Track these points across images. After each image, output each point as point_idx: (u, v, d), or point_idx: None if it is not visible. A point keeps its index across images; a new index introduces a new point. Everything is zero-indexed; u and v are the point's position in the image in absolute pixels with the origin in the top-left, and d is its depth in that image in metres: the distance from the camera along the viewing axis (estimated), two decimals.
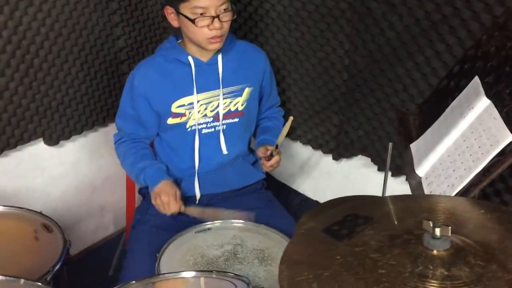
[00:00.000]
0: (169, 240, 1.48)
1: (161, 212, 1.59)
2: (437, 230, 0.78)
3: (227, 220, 1.56)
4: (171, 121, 1.66)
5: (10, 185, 2.01)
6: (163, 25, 2.29)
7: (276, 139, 1.77)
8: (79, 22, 1.96)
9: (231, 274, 1.12)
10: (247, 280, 1.11)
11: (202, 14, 1.49)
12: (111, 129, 2.26)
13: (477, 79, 1.18)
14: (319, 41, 1.80)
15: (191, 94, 1.63)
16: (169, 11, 1.57)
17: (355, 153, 1.94)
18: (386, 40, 1.64)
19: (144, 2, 2.18)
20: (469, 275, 0.74)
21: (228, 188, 1.75)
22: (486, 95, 1.10)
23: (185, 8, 1.50)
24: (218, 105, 1.66)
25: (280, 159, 1.66)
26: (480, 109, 1.09)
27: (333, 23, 1.74)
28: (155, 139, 1.76)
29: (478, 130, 1.07)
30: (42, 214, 1.62)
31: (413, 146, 1.29)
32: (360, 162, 1.97)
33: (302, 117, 2.00)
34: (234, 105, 1.68)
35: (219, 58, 1.64)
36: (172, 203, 1.56)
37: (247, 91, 1.69)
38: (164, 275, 1.14)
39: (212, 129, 1.68)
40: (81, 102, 2.07)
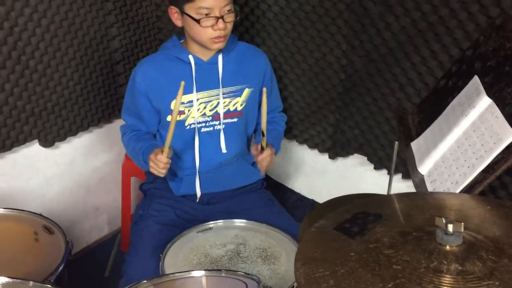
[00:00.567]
0: (172, 241, 1.49)
1: (158, 174, 1.56)
2: (450, 226, 0.80)
3: (229, 220, 1.57)
4: (170, 118, 1.67)
5: (6, 187, 1.99)
6: (158, 26, 2.30)
7: (276, 144, 1.78)
8: (75, 23, 1.95)
9: (241, 273, 1.13)
10: (258, 279, 1.12)
11: (207, 15, 1.52)
12: (106, 130, 2.27)
13: (477, 79, 1.21)
14: (316, 42, 1.82)
15: (191, 93, 1.65)
16: (173, 11, 1.59)
17: (351, 152, 1.96)
18: (383, 41, 1.67)
19: (139, 3, 2.18)
20: (482, 270, 0.76)
21: (228, 187, 1.76)
22: (487, 94, 1.13)
23: (190, 9, 1.52)
24: (218, 105, 1.67)
25: (273, 156, 1.66)
26: (482, 108, 1.12)
27: (331, 24, 1.76)
28: (157, 136, 1.77)
29: (480, 129, 1.10)
30: (42, 216, 1.61)
31: (414, 145, 1.32)
32: (356, 161, 1.99)
33: (299, 117, 2.02)
34: (233, 105, 1.69)
35: (220, 58, 1.66)
36: (158, 154, 1.53)
37: (247, 92, 1.70)
38: (174, 275, 1.15)
39: (211, 128, 1.69)
40: (76, 103, 2.07)
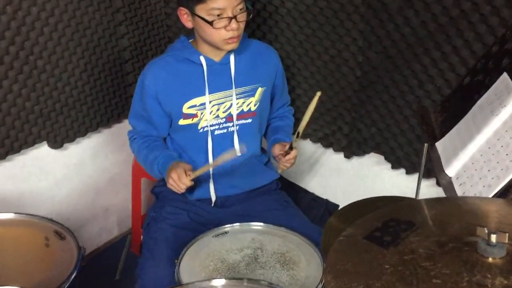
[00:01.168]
0: (187, 246, 1.45)
1: (177, 192, 1.52)
2: (493, 237, 0.75)
3: (245, 223, 1.53)
4: (183, 122, 1.62)
5: (15, 190, 1.96)
6: (167, 23, 2.25)
7: (289, 138, 1.73)
8: (83, 22, 1.91)
9: (265, 283, 1.09)
10: None
11: (219, 16, 1.46)
12: (115, 130, 2.23)
13: (506, 76, 1.16)
14: (331, 38, 1.77)
15: (203, 95, 1.60)
16: (183, 12, 1.53)
17: (367, 151, 1.91)
18: (401, 36, 1.62)
19: (148, 0, 2.13)
20: None
21: (243, 189, 1.71)
22: None
23: (201, 10, 1.47)
24: (231, 106, 1.62)
25: (297, 156, 1.62)
26: None
27: (346, 19, 1.70)
28: (167, 140, 1.72)
29: None
30: (53, 221, 1.57)
31: (440, 145, 1.26)
32: (372, 160, 1.94)
33: (313, 115, 1.96)
34: (247, 106, 1.64)
35: (232, 58, 1.61)
36: (182, 177, 1.49)
37: (260, 91, 1.65)
38: (194, 284, 1.10)
39: (225, 130, 1.64)
40: (85, 103, 2.03)
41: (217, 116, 1.62)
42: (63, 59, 1.88)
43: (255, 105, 1.65)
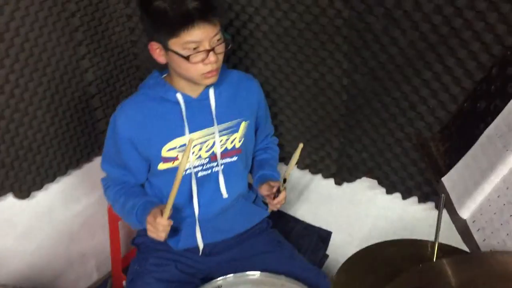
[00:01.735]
0: None
1: (157, 239, 1.38)
2: None
3: (239, 274, 1.40)
4: (162, 167, 1.48)
5: None
6: (133, 51, 2.10)
7: (277, 173, 1.62)
8: (42, 59, 1.75)
9: None
10: None
11: (195, 49, 1.32)
12: (86, 170, 2.07)
13: None
14: (313, 61, 1.65)
15: (183, 135, 1.46)
16: (155, 47, 1.38)
17: (359, 176, 1.81)
18: (389, 57, 1.52)
19: (111, 29, 1.99)
20: None
21: (233, 233, 1.58)
22: None
23: (175, 44, 1.32)
24: (214, 144, 1.49)
25: (286, 194, 1.51)
26: None
27: (328, 41, 1.59)
28: (146, 185, 1.58)
29: None
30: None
31: (447, 181, 1.16)
32: (365, 185, 1.84)
33: (298, 141, 1.85)
34: (231, 143, 1.51)
35: (211, 93, 1.48)
36: (157, 216, 1.34)
37: (244, 126, 1.53)
38: None
39: (209, 171, 1.51)
40: (51, 147, 1.87)
41: (200, 157, 1.49)
42: (23, 102, 1.72)
43: (240, 141, 1.53)
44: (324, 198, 1.97)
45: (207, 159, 1.49)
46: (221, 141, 1.49)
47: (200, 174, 1.50)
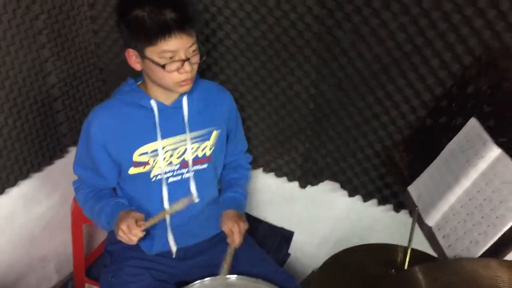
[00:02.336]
0: None
1: (127, 243, 1.41)
2: None
3: (213, 277, 1.45)
4: (133, 171, 1.50)
5: None
6: (97, 54, 2.09)
7: (244, 194, 1.67)
8: (5, 63, 1.71)
9: None
10: None
11: (171, 58, 1.35)
12: (47, 173, 2.05)
13: (476, 122, 1.17)
14: (282, 71, 1.71)
15: (155, 140, 1.49)
16: (131, 54, 1.40)
17: (323, 180, 1.90)
18: (355, 70, 1.60)
19: (75, 31, 1.96)
20: None
21: (204, 237, 1.63)
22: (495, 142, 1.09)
23: (152, 53, 1.35)
24: (185, 151, 1.53)
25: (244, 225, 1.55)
26: (491, 159, 1.08)
27: (297, 53, 1.66)
28: (117, 190, 1.59)
29: (494, 182, 1.05)
30: None
31: (412, 190, 1.26)
32: (327, 187, 1.93)
33: (264, 146, 1.92)
34: (202, 150, 1.55)
35: (184, 101, 1.51)
36: (133, 228, 1.37)
37: (215, 134, 1.57)
38: None
39: (179, 177, 1.54)
40: (14, 150, 1.83)
41: (171, 163, 1.52)
42: None
43: (210, 149, 1.57)
44: (288, 200, 2.05)
45: (178, 165, 1.53)
46: (193, 149, 1.53)
47: (171, 180, 1.53)
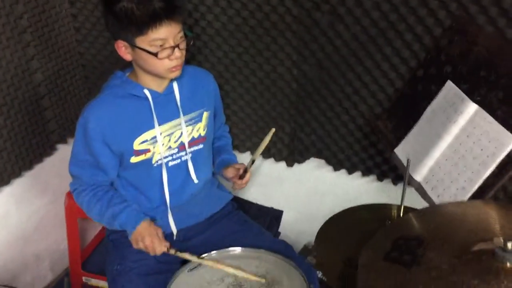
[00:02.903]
0: (166, 286, 1.41)
1: (148, 254, 1.50)
2: (509, 244, 0.85)
3: (221, 251, 1.53)
4: (135, 160, 1.56)
5: None
6: (79, 51, 2.13)
7: (234, 157, 1.77)
8: None
9: None
10: None
11: (161, 46, 1.42)
12: (37, 171, 2.07)
13: (452, 84, 1.29)
14: (265, 55, 1.81)
15: (153, 128, 1.55)
16: (121, 45, 1.46)
17: (309, 157, 2.00)
18: (334, 49, 1.71)
19: (57, 29, 2.00)
20: None
21: (203, 217, 1.70)
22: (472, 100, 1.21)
23: (143, 42, 1.41)
24: (181, 135, 1.60)
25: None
26: (470, 114, 1.20)
27: (279, 36, 1.75)
28: (116, 182, 1.64)
29: (474, 134, 1.17)
30: None
31: (399, 151, 1.37)
32: (313, 165, 2.03)
33: (251, 130, 2.00)
34: (197, 131, 1.63)
35: (175, 86, 1.58)
36: (157, 244, 1.48)
37: (206, 115, 1.64)
38: None
39: (178, 160, 1.61)
40: (4, 149, 1.86)
41: (170, 147, 1.59)
42: None
43: (204, 130, 1.64)
44: (275, 180, 2.14)
45: (176, 149, 1.59)
46: (188, 131, 1.60)
47: (171, 164, 1.60)
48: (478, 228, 0.94)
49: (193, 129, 1.62)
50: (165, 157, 1.58)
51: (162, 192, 1.60)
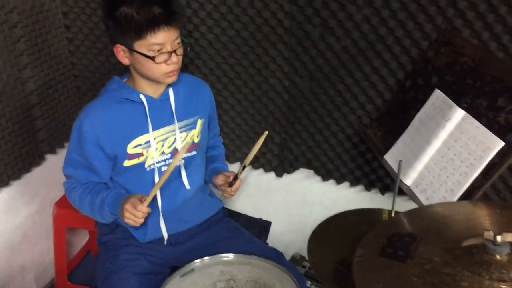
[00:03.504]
0: None
1: (135, 225, 1.49)
2: (499, 238, 0.89)
3: (208, 257, 1.54)
4: (128, 163, 1.58)
5: None
6: (71, 61, 2.15)
7: (226, 166, 1.79)
8: None
9: None
10: None
11: (159, 51, 1.46)
12: (25, 181, 2.07)
13: (440, 92, 1.34)
14: (257, 66, 1.85)
15: (147, 132, 1.57)
16: (119, 49, 1.49)
17: (298, 167, 2.03)
18: (325, 61, 1.76)
19: (50, 39, 2.02)
20: None
21: (194, 223, 1.71)
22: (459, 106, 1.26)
23: (141, 46, 1.45)
24: (175, 141, 1.62)
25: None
26: (458, 119, 1.25)
27: (270, 48, 1.80)
28: (110, 184, 1.65)
29: (462, 139, 1.22)
30: None
31: (389, 157, 1.41)
32: (301, 175, 2.06)
33: (241, 140, 2.03)
34: (190, 138, 1.65)
35: (171, 93, 1.61)
36: (137, 204, 1.45)
37: (200, 123, 1.67)
38: None
39: None
40: None
41: (163, 153, 1.61)
42: None
43: (198, 137, 1.67)
44: (264, 191, 2.16)
45: (169, 155, 1.62)
46: (182, 138, 1.62)
47: (164, 169, 1.61)
48: (468, 226, 0.97)
49: (187, 136, 1.64)
50: (158, 162, 1.60)
51: (154, 197, 1.61)
